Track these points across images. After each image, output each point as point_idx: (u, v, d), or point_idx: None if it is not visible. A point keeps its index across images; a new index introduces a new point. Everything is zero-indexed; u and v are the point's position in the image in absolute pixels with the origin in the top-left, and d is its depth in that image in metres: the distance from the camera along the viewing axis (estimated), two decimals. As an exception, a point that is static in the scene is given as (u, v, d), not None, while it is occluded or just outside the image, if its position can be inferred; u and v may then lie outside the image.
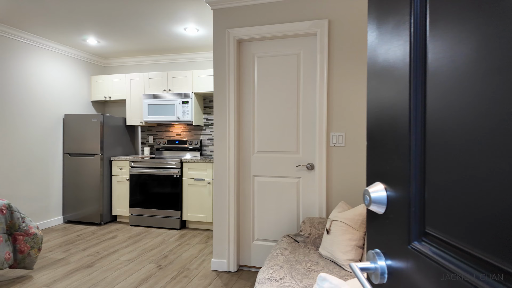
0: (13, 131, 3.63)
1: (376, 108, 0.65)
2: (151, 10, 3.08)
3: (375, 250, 0.64)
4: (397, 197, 0.57)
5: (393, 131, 0.59)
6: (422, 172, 0.51)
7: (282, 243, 2.16)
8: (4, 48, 3.53)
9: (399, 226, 0.56)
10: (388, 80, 0.61)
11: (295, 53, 2.60)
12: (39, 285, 2.44)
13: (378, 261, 0.61)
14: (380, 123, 0.64)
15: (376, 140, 0.66)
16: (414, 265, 0.52)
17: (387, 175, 0.61)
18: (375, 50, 0.66)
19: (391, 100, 0.60)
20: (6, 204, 2.53)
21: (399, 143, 0.57)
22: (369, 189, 0.62)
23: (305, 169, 2.57)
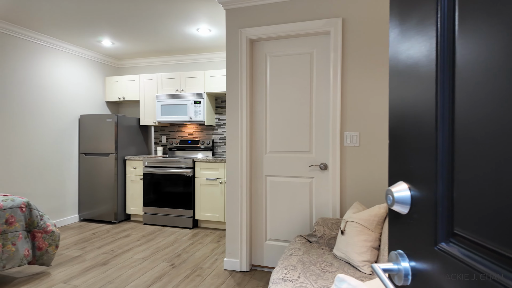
0: (31, 131, 3.73)
1: (399, 106, 0.64)
2: (165, 11, 3.11)
3: (398, 251, 0.63)
4: (422, 197, 0.56)
5: (418, 130, 0.57)
6: (449, 170, 0.49)
7: (295, 243, 2.14)
8: (22, 50, 3.63)
9: (425, 227, 0.55)
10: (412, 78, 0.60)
11: (308, 52, 2.58)
12: (57, 281, 2.50)
13: (401, 262, 0.60)
14: (403, 121, 0.63)
15: (398, 139, 0.65)
16: (441, 266, 0.51)
17: (411, 175, 0.59)
18: (397, 47, 0.65)
19: (415, 98, 0.58)
20: (25, 202, 2.60)
21: (424, 141, 0.55)
22: (392, 189, 0.61)
23: (318, 169, 2.55)
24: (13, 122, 3.53)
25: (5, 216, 2.41)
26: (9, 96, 3.49)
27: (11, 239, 2.43)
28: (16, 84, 3.56)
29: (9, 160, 3.49)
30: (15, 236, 2.46)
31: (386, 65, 2.33)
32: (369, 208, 1.93)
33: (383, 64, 2.34)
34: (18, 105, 3.58)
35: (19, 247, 2.47)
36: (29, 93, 3.70)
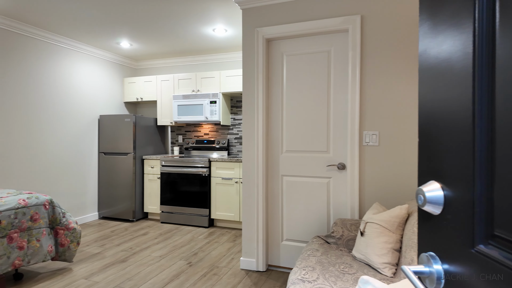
0: (54, 131, 3.85)
1: (430, 103, 0.62)
2: (182, 12, 3.14)
3: (429, 253, 0.60)
4: (456, 197, 0.53)
5: (451, 127, 0.55)
6: (489, 169, 0.47)
7: (313, 244, 2.12)
8: (44, 53, 3.75)
9: (460, 228, 0.52)
10: (444, 73, 0.57)
11: (325, 50, 2.55)
12: (78, 277, 2.56)
13: (433, 265, 0.58)
14: (434, 118, 0.60)
15: (429, 137, 0.62)
16: (478, 270, 0.48)
17: (444, 174, 0.57)
18: (428, 41, 0.63)
19: (448, 94, 0.56)
20: (49, 199, 2.68)
21: (459, 139, 0.53)
22: (424, 188, 0.58)
23: (336, 169, 2.51)
24: (36, 123, 3.65)
25: (30, 213, 2.49)
26: (33, 97, 3.61)
27: (35, 235, 2.51)
28: (39, 86, 3.69)
29: (33, 159, 3.61)
30: (39, 232, 2.54)
31: (407, 63, 2.27)
32: (390, 209, 1.89)
33: (404, 62, 2.28)
34: (41, 106, 3.70)
35: (43, 243, 2.55)
36: (51, 94, 3.82)
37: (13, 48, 3.41)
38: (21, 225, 2.42)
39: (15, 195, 2.53)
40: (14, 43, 3.41)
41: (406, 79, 2.28)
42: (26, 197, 2.54)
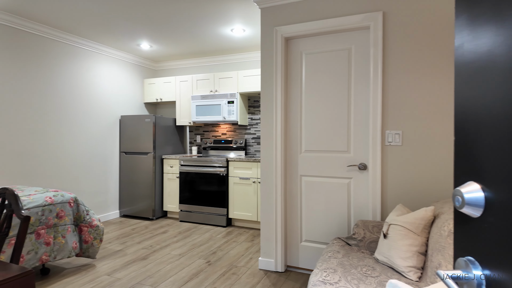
0: (77, 130, 3.98)
1: (467, 100, 0.59)
2: (201, 14, 3.17)
3: (467, 258, 0.57)
4: (499, 199, 0.50)
5: (495, 125, 0.52)
6: (539, 170, 0.44)
7: (334, 245, 2.08)
8: (69, 55, 3.88)
9: (503, 232, 0.49)
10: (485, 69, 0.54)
11: (345, 48, 2.50)
12: (101, 273, 2.63)
13: (472, 270, 0.55)
14: (473, 115, 0.57)
15: (467, 136, 0.59)
16: (525, 277, 0.45)
17: (485, 174, 0.54)
18: (465, 35, 0.60)
19: (490, 90, 0.53)
20: (73, 197, 2.77)
21: (504, 138, 0.50)
22: (462, 189, 0.55)
23: (357, 170, 2.46)
24: (61, 124, 3.78)
25: (56, 210, 2.58)
26: (58, 99, 3.74)
27: (61, 232, 2.60)
28: (64, 88, 3.82)
29: (59, 158, 3.74)
30: (64, 229, 2.63)
31: (432, 60, 2.20)
32: (415, 211, 1.83)
33: (430, 59, 2.21)
34: (66, 107, 3.83)
35: (68, 239, 2.64)
36: (75, 95, 3.95)
37: (40, 51, 3.54)
38: (48, 222, 2.51)
39: (42, 193, 2.63)
40: (40, 46, 3.55)
41: (432, 76, 2.20)
42: (53, 194, 2.63)
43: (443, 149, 2.18)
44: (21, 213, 1.36)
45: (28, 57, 3.42)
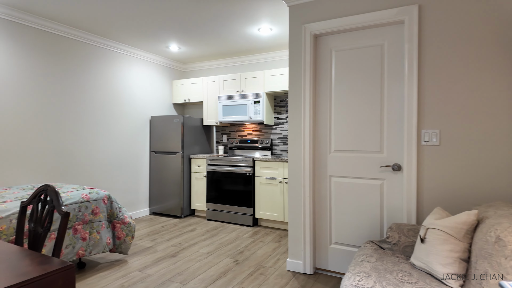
0: (111, 130, 4.14)
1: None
2: (228, 14, 3.18)
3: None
4: None
5: None
6: None
7: (366, 249, 2.01)
8: (104, 59, 4.04)
9: None
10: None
11: (378, 44, 2.41)
12: (133, 269, 2.71)
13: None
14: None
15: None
16: None
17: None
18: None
19: None
20: (107, 195, 2.87)
21: None
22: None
23: (391, 170, 2.36)
24: (96, 124, 3.95)
25: (91, 207, 2.70)
26: (93, 100, 3.91)
27: (96, 228, 2.71)
28: (98, 90, 3.98)
29: (94, 157, 3.91)
30: (99, 225, 2.74)
31: (474, 55, 2.06)
32: (455, 215, 1.72)
33: (472, 54, 2.07)
34: (100, 108, 4.00)
35: (103, 235, 2.75)
36: (108, 97, 4.11)
37: (77, 55, 3.72)
38: (84, 218, 2.62)
39: (78, 190, 2.75)
40: (78, 51, 3.72)
41: (474, 72, 2.06)
42: (88, 192, 2.75)
43: (485, 149, 2.04)
44: (61, 209, 1.42)
45: (66, 61, 3.60)
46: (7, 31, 3.07)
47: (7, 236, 2.14)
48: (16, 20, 3.12)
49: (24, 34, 3.21)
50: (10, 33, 3.09)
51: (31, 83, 3.28)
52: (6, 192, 2.68)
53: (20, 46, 3.17)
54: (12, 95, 3.12)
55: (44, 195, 1.57)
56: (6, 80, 3.07)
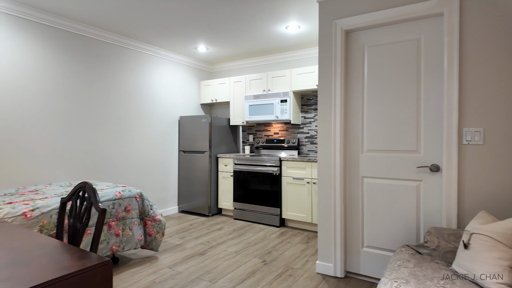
0: (142, 130, 4.27)
1: None
2: (256, 13, 3.17)
3: None
4: None
5: None
6: None
7: (402, 253, 1.91)
8: (135, 60, 4.17)
9: None
10: None
11: (414, 39, 2.29)
12: (163, 266, 2.77)
13: None
14: None
15: None
16: None
17: None
18: None
19: None
20: (139, 193, 2.95)
21: None
22: None
23: (428, 171, 2.24)
24: (128, 124, 4.09)
25: (124, 204, 2.78)
26: (125, 102, 4.05)
27: (128, 225, 2.79)
28: (130, 91, 4.12)
29: (127, 156, 4.05)
30: (131, 222, 2.82)
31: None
32: (503, 220, 1.59)
33: (519, 44, 1.91)
34: (132, 109, 4.13)
35: (135, 232, 2.82)
36: (140, 98, 4.24)
37: (109, 57, 3.86)
38: (117, 215, 2.71)
39: (112, 188, 2.85)
40: (109, 53, 3.87)
41: (522, 65, 1.90)
42: (121, 189, 2.84)
43: (538, 149, 1.87)
44: (98, 206, 1.46)
45: (101, 64, 3.75)
46: (42, 34, 3.24)
47: (48, 230, 2.25)
48: (51, 24, 3.29)
49: (59, 37, 3.38)
50: (45, 36, 3.26)
51: (69, 86, 3.44)
52: (47, 188, 2.83)
53: (56, 49, 3.34)
54: (51, 97, 3.29)
55: (82, 192, 1.63)
56: (46, 83, 3.25)
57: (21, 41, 3.04)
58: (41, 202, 2.30)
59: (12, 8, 2.94)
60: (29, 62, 3.11)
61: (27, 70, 3.09)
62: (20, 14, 3.01)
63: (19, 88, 3.04)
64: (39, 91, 3.19)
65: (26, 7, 3.01)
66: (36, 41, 3.16)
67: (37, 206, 2.24)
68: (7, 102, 2.96)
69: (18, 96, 3.03)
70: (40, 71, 3.20)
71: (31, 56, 3.12)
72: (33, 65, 3.14)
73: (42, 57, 3.20)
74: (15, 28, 2.99)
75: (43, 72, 3.21)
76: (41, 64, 3.20)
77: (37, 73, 3.17)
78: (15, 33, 2.99)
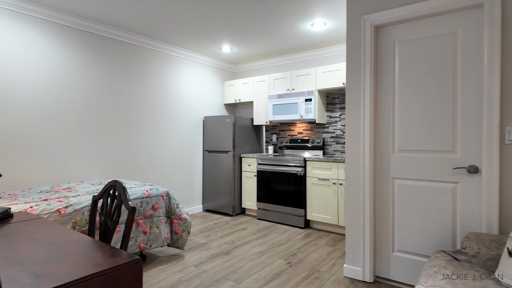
0: (168, 130, 4.35)
1: None
2: (280, 11, 3.13)
3: None
4: None
5: None
6: None
7: (438, 259, 1.80)
8: (161, 62, 4.26)
9: None
10: None
11: (450, 32, 2.16)
12: (189, 264, 2.80)
13: None
14: None
15: None
16: None
17: None
18: None
19: None
20: (166, 191, 3.00)
21: None
22: None
23: (465, 173, 2.10)
24: (156, 125, 4.18)
25: (151, 203, 2.84)
26: (152, 102, 4.14)
27: (155, 223, 2.84)
28: (157, 92, 4.21)
29: (154, 156, 4.14)
30: (158, 220, 2.87)
31: None
32: (555, 227, 1.46)
33: None
34: (158, 110, 4.22)
35: (161, 230, 2.87)
36: (165, 99, 4.33)
37: (137, 59, 3.97)
38: (145, 213, 2.77)
39: (140, 186, 2.91)
40: (137, 55, 3.97)
41: None
42: (149, 188, 2.89)
43: None
44: (128, 204, 1.49)
45: (127, 65, 3.86)
46: (77, 39, 3.37)
47: (80, 227, 2.33)
48: (84, 28, 3.42)
49: (92, 41, 3.50)
50: (80, 41, 3.40)
51: (100, 89, 3.57)
52: (79, 186, 2.94)
53: (89, 53, 3.47)
54: (83, 100, 3.43)
55: (113, 190, 1.66)
56: (79, 85, 3.38)
57: (60, 47, 3.19)
58: (74, 199, 2.39)
59: (50, 15, 3.08)
60: (64, 66, 3.25)
61: (63, 75, 3.23)
62: (58, 20, 3.15)
63: (55, 93, 3.18)
64: (73, 95, 3.33)
65: (64, 14, 3.15)
66: (72, 46, 3.29)
67: (70, 203, 2.33)
68: (44, 105, 3.11)
69: (54, 100, 3.18)
70: (74, 74, 3.33)
71: (66, 61, 3.26)
72: (68, 69, 3.27)
73: (76, 61, 3.34)
74: (56, 34, 3.14)
75: (76, 76, 3.35)
76: (75, 68, 3.33)
77: (71, 77, 3.31)
78: (54, 39, 3.14)
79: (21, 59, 2.95)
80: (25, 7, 2.92)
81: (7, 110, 2.86)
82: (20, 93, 2.95)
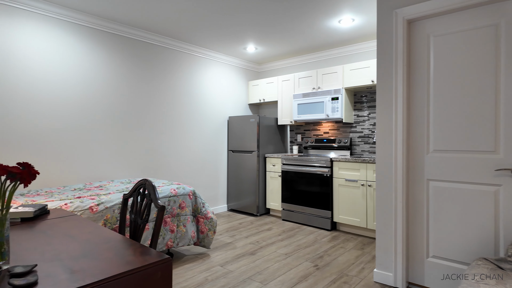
0: (194, 130, 4.41)
1: None
2: (307, 8, 3.07)
3: None
4: None
5: None
6: None
7: (480, 267, 1.68)
8: (187, 63, 4.32)
9: None
10: None
11: (491, 24, 2.02)
12: (215, 264, 2.80)
13: None
14: None
15: None
16: None
17: None
18: None
19: None
20: (192, 190, 3.03)
21: None
22: None
23: (509, 175, 1.95)
24: (182, 126, 4.25)
25: (178, 201, 2.87)
26: (179, 103, 4.21)
27: (182, 221, 2.88)
28: (183, 93, 4.27)
29: (180, 156, 4.21)
30: (185, 219, 2.90)
31: None
32: None
33: None
34: (185, 110, 4.29)
35: (188, 228, 2.91)
36: (192, 99, 4.38)
37: (164, 61, 4.05)
38: (172, 211, 2.81)
39: (167, 185, 2.96)
40: (165, 57, 4.05)
41: None
42: (176, 187, 2.94)
43: None
44: (158, 203, 1.50)
45: (155, 67, 3.95)
46: (108, 42, 3.49)
47: (110, 224, 2.40)
48: (115, 32, 3.53)
49: (122, 44, 3.61)
50: (110, 44, 3.51)
51: (129, 90, 3.67)
52: (110, 185, 3.04)
53: (118, 55, 3.58)
54: (111, 100, 3.54)
55: (143, 189, 1.69)
56: (110, 88, 3.50)
57: (93, 50, 3.32)
58: (105, 197, 2.46)
59: (84, 19, 3.21)
60: (96, 69, 3.37)
61: (95, 78, 3.36)
62: (91, 25, 3.28)
63: (88, 95, 3.31)
64: (104, 97, 3.45)
65: (97, 18, 3.27)
66: (104, 50, 3.42)
67: (102, 201, 2.41)
68: (78, 108, 3.24)
69: (87, 102, 3.31)
70: (105, 77, 3.45)
71: (98, 64, 3.38)
72: (99, 72, 3.40)
73: (107, 64, 3.46)
74: (89, 38, 3.27)
75: (107, 78, 3.47)
76: (105, 71, 3.45)
77: (102, 80, 3.43)
78: (88, 42, 3.27)
79: (58, 63, 3.10)
80: (61, 12, 3.06)
81: (45, 112, 3.01)
82: (56, 97, 3.09)
